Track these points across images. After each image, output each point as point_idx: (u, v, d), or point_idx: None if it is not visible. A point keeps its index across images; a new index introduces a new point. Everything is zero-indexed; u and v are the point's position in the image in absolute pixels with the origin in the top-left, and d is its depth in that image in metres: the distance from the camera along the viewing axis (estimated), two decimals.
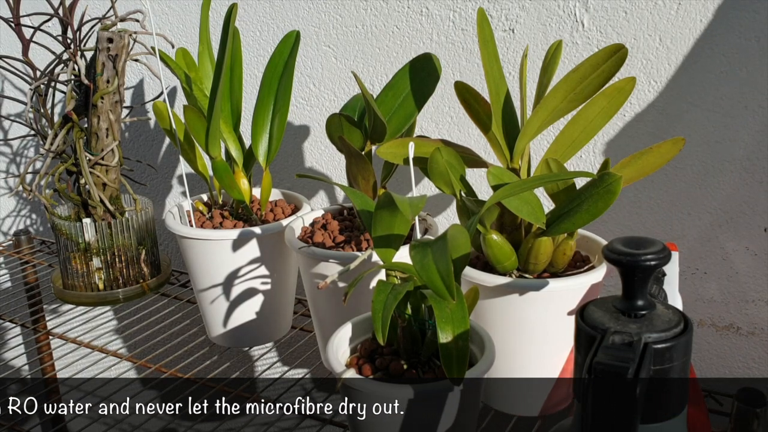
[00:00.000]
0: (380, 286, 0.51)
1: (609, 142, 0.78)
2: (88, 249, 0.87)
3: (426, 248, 0.48)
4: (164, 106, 0.82)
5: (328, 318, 0.72)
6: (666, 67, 0.74)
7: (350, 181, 0.72)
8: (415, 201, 0.54)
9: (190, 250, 0.79)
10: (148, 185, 1.16)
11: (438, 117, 0.87)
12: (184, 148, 0.83)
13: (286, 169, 1.01)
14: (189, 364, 0.87)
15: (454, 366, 0.48)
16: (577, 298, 0.60)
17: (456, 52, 0.84)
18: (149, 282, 0.91)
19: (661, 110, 0.75)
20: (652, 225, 0.79)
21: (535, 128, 0.60)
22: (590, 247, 0.67)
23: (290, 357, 1.07)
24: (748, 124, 0.72)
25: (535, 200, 0.58)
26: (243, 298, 0.80)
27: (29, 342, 1.30)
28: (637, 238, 0.36)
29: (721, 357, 0.79)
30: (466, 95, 0.64)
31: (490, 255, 0.60)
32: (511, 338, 0.61)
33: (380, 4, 0.87)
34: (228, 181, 0.79)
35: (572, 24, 0.77)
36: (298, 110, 0.97)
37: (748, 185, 0.73)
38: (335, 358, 0.54)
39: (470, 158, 0.65)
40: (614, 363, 0.31)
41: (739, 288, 0.76)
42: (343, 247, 0.71)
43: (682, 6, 0.72)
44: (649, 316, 0.35)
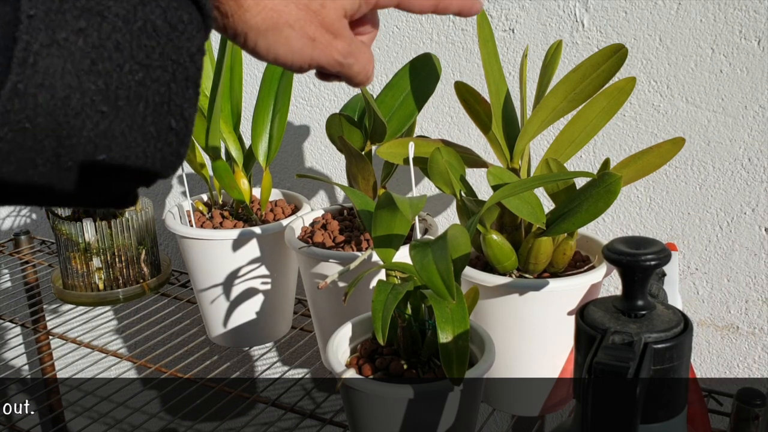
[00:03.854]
0: (380, 286, 0.51)
1: (609, 142, 0.79)
2: (88, 249, 0.87)
3: (426, 248, 0.48)
4: None
5: (328, 318, 0.72)
6: (666, 67, 0.74)
7: (350, 181, 0.72)
8: (415, 201, 0.54)
9: (190, 250, 0.79)
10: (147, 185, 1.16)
11: (438, 117, 0.87)
12: None
13: (286, 169, 1.01)
14: (189, 364, 0.87)
15: (454, 366, 0.48)
16: (577, 298, 0.60)
17: (456, 52, 0.84)
18: (149, 282, 0.91)
19: (661, 110, 0.75)
20: (652, 225, 0.79)
21: (535, 128, 0.60)
22: (590, 247, 0.67)
23: (290, 357, 1.07)
24: (748, 124, 0.72)
25: (535, 200, 0.58)
26: (243, 298, 0.80)
27: (29, 342, 1.30)
28: (637, 238, 0.36)
29: (721, 357, 0.79)
30: (466, 95, 0.64)
31: (490, 255, 0.60)
32: (511, 338, 0.61)
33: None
34: (228, 181, 0.79)
35: (572, 24, 0.77)
36: (298, 110, 0.97)
37: (748, 185, 0.73)
38: (335, 358, 0.54)
39: (470, 158, 0.65)
40: (614, 363, 0.31)
41: (739, 288, 0.76)
42: (343, 247, 0.71)
43: (682, 6, 0.72)
44: (649, 316, 0.35)
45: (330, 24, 0.35)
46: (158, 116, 0.25)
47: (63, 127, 0.23)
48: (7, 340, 1.38)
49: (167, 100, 0.25)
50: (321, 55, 0.35)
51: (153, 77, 0.25)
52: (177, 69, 0.25)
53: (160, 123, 0.25)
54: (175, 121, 0.26)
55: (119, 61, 0.24)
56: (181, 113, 0.26)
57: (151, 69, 0.24)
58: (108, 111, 0.24)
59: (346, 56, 0.36)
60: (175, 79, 0.25)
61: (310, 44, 0.34)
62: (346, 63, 0.36)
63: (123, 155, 0.25)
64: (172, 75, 0.25)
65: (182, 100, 0.26)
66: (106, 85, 0.24)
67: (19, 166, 0.23)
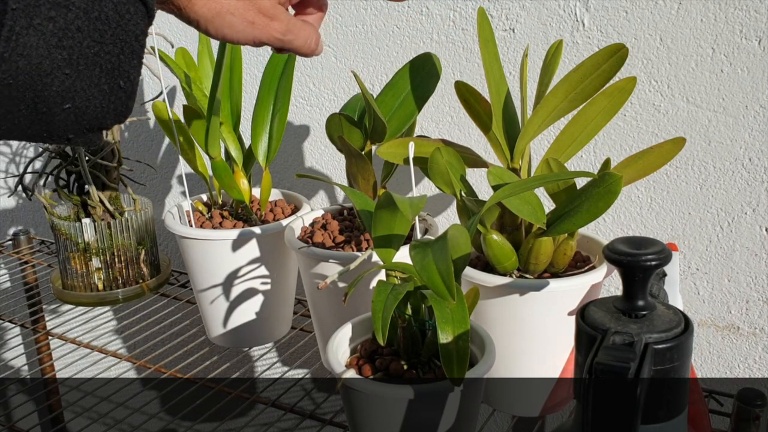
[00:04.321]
0: (380, 287, 0.51)
1: (609, 142, 0.78)
2: (88, 249, 0.87)
3: (426, 248, 0.48)
4: (164, 105, 0.82)
5: (328, 318, 0.72)
6: (666, 67, 0.74)
7: (350, 181, 0.72)
8: (415, 201, 0.54)
9: (190, 250, 0.79)
10: (147, 185, 1.16)
11: (438, 117, 0.87)
12: (183, 148, 0.83)
13: (286, 169, 1.01)
14: (189, 365, 0.87)
15: (454, 366, 0.48)
16: (577, 298, 0.60)
17: (456, 52, 0.84)
18: (149, 282, 0.91)
19: (662, 110, 0.75)
20: (653, 225, 0.79)
21: (536, 128, 0.60)
22: (591, 247, 0.67)
23: (290, 357, 1.07)
24: (748, 124, 0.72)
25: (536, 200, 0.58)
26: (243, 298, 0.80)
27: (29, 342, 1.30)
28: (638, 238, 0.36)
29: (721, 357, 0.79)
30: (466, 95, 0.64)
31: (490, 255, 0.60)
32: (511, 338, 0.61)
33: (380, 3, 0.87)
34: (228, 181, 0.79)
35: (573, 23, 0.77)
36: (298, 110, 0.97)
37: (749, 185, 0.73)
38: (335, 358, 0.54)
39: (470, 158, 0.65)
40: (615, 363, 0.31)
41: (740, 288, 0.76)
42: (343, 247, 0.71)
43: (682, 6, 0.71)
44: (649, 316, 0.35)
45: (266, 10, 0.44)
46: (110, 78, 0.36)
47: (38, 84, 0.33)
48: (6, 340, 1.38)
49: (117, 67, 0.36)
50: (261, 34, 0.44)
51: (106, 50, 0.35)
52: (125, 46, 0.36)
53: (112, 83, 0.36)
54: (123, 82, 0.36)
55: (79, 39, 0.34)
56: (128, 76, 0.36)
57: (104, 45, 0.35)
58: (70, 73, 0.34)
59: (284, 33, 0.45)
60: (123, 52, 0.36)
61: (250, 26, 0.43)
62: (286, 39, 0.45)
63: (84, 105, 0.35)
64: (120, 49, 0.35)
65: (129, 67, 0.36)
66: (69, 55, 0.34)
67: (7, 110, 0.33)
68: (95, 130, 0.38)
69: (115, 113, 0.37)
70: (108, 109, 0.37)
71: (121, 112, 0.37)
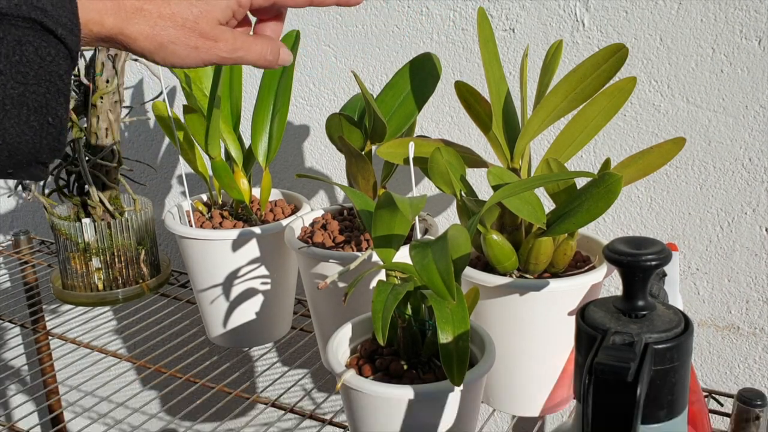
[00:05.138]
0: (380, 287, 0.51)
1: (609, 142, 0.78)
2: (88, 249, 0.87)
3: (426, 248, 0.48)
4: (164, 105, 0.82)
5: (328, 318, 0.72)
6: (666, 67, 0.74)
7: (350, 181, 0.72)
8: (415, 201, 0.54)
9: (190, 250, 0.79)
10: (147, 185, 1.16)
11: (438, 117, 0.87)
12: (183, 148, 0.83)
13: (286, 169, 1.01)
14: (189, 365, 0.87)
15: (454, 366, 0.48)
16: (577, 298, 0.60)
17: (456, 52, 0.84)
18: (149, 282, 0.91)
19: (662, 110, 0.75)
20: (653, 225, 0.79)
21: (536, 128, 0.60)
22: (591, 247, 0.67)
23: (290, 357, 1.07)
24: (748, 124, 0.72)
25: (536, 200, 0.58)
26: (243, 298, 0.80)
27: (29, 342, 1.30)
28: (638, 238, 0.36)
29: (721, 357, 0.79)
30: (466, 95, 0.64)
31: (490, 255, 0.60)
32: (511, 338, 0.61)
33: (380, 3, 0.87)
34: (228, 181, 0.79)
35: (573, 24, 0.77)
36: (298, 110, 0.97)
37: (749, 185, 0.73)
38: (335, 358, 0.54)
39: (470, 158, 0.65)
40: (615, 363, 0.31)
41: (740, 288, 0.76)
42: (343, 247, 0.71)
43: (682, 6, 0.71)
44: (649, 316, 0.35)
45: (207, 33, 0.45)
46: (39, 116, 0.38)
47: None
48: (6, 340, 1.38)
49: (44, 105, 0.38)
50: (207, 57, 0.46)
51: (31, 90, 0.37)
52: (50, 85, 0.38)
53: (41, 120, 0.38)
54: (51, 118, 0.38)
55: (2, 81, 0.36)
56: (56, 113, 0.38)
57: (28, 86, 0.37)
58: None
59: (232, 52, 0.46)
60: (49, 92, 0.38)
61: (194, 51, 0.45)
62: (236, 57, 0.47)
63: (15, 141, 0.37)
64: (46, 89, 0.38)
65: (56, 105, 0.38)
66: None
67: None
68: (34, 164, 0.40)
69: (49, 148, 0.39)
70: (41, 145, 0.39)
71: (55, 147, 0.39)
